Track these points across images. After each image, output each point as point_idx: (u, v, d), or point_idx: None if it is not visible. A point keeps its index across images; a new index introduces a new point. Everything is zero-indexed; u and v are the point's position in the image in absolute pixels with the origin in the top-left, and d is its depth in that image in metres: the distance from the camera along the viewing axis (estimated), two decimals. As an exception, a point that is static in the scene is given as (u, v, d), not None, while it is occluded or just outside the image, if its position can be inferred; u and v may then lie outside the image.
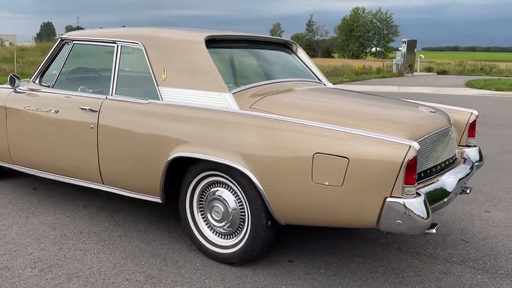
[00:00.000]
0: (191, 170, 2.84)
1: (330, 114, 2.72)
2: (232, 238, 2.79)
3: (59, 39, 3.70)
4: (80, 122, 3.28)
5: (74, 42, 3.57)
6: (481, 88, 16.15)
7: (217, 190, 2.80)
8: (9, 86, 3.89)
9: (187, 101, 2.89)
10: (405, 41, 24.72)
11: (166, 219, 3.52)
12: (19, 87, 3.76)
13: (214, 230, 2.87)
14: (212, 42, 3.06)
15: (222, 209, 2.76)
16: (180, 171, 2.92)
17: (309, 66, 3.84)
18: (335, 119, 2.56)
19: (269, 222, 2.60)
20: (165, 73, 3.01)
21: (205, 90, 2.85)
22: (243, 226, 2.73)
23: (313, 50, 72.50)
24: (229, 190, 2.76)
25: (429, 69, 26.36)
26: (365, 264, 2.84)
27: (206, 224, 2.90)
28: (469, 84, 17.51)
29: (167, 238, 3.19)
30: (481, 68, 26.44)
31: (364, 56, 73.26)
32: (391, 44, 73.94)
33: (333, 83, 4.04)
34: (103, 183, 3.30)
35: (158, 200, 3.04)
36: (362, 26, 67.01)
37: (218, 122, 2.70)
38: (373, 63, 28.99)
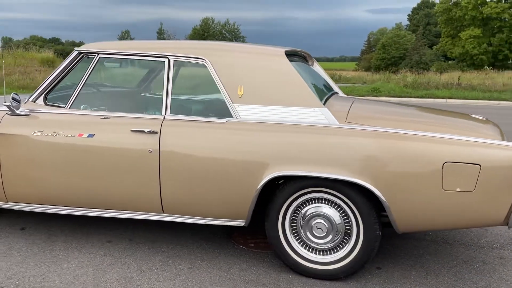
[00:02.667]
0: (285, 188, 2.76)
1: (421, 123, 2.92)
2: (335, 253, 2.80)
3: (75, 52, 3.19)
4: (132, 146, 2.90)
5: (100, 55, 3.12)
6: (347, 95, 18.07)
7: (317, 207, 2.78)
8: (-1, 108, 3.23)
9: (272, 118, 2.80)
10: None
11: (217, 243, 3.31)
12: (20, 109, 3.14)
13: (309, 248, 2.83)
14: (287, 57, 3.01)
15: (326, 225, 2.75)
16: (267, 191, 2.82)
17: (326, 77, 3.98)
18: (430, 127, 2.75)
19: (380, 232, 2.70)
20: (241, 89, 2.86)
21: (295, 106, 2.80)
22: (348, 240, 2.76)
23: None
24: (330, 205, 2.76)
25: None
26: (439, 262, 3.11)
27: (300, 243, 2.85)
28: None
29: (241, 262, 3.02)
30: (332, 77, 29.52)
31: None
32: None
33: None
34: (163, 212, 2.97)
35: (240, 223, 2.88)
36: (212, 36, 68.49)
37: (324, 137, 2.68)
38: None
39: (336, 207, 2.76)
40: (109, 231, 3.49)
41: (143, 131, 2.88)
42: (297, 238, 2.85)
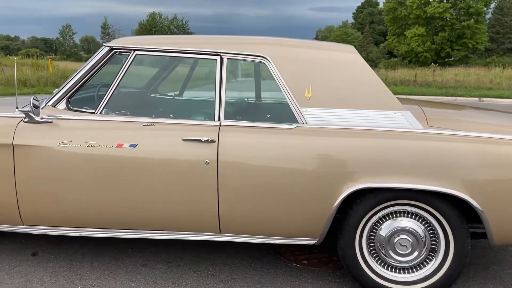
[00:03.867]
0: (363, 202, 2.48)
1: (499, 125, 2.73)
2: (418, 271, 2.55)
3: (105, 48, 2.72)
4: (185, 157, 2.50)
5: (137, 52, 2.68)
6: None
7: (397, 220, 2.52)
8: (10, 114, 2.72)
9: (345, 123, 2.50)
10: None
11: (266, 261, 2.97)
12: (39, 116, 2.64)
13: (389, 266, 2.57)
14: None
15: (411, 240, 2.49)
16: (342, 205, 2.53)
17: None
18: (505, 129, 2.57)
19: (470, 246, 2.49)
20: (309, 91, 2.54)
21: (373, 108, 2.52)
22: (434, 255, 2.53)
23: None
24: (413, 218, 2.51)
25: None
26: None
27: (377, 261, 2.57)
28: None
29: (305, 284, 2.70)
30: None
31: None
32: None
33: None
34: (220, 231, 2.60)
35: (310, 241, 2.57)
36: (160, 31, 66.67)
37: (413, 144, 2.42)
38: None
39: (420, 220, 2.51)
40: (138, 252, 3.06)
41: (200, 140, 2.49)
42: (375, 256, 2.58)
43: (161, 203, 2.56)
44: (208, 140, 2.48)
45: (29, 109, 2.60)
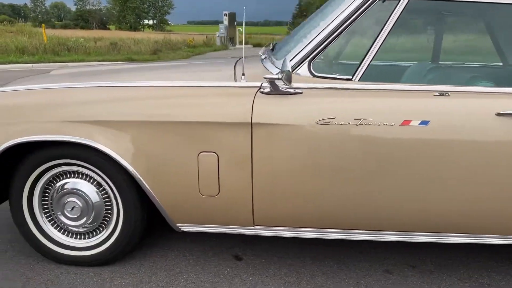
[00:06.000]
0: None
1: None
2: None
3: (365, -7, 2.04)
4: (500, 138, 1.91)
5: (411, -2, 2.02)
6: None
7: None
8: (240, 83, 2.05)
9: None
10: (226, 14, 24.69)
11: None
12: (287, 86, 1.98)
13: None
14: None
15: None
16: None
17: None
18: None
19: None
20: None
21: None
22: None
23: (86, 21, 66.19)
24: None
25: (246, 42, 27.14)
26: None
27: None
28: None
29: None
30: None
31: (142, 29, 70.82)
32: (166, 17, 73.70)
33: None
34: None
35: None
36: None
37: None
38: (157, 36, 27.30)
39: None
40: (381, 256, 2.48)
41: (525, 115, 1.88)
42: None
43: (461, 201, 1.97)
44: (533, 115, 1.88)
45: (278, 75, 1.94)
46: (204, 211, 2.13)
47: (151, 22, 73.94)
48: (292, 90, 1.99)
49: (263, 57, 2.43)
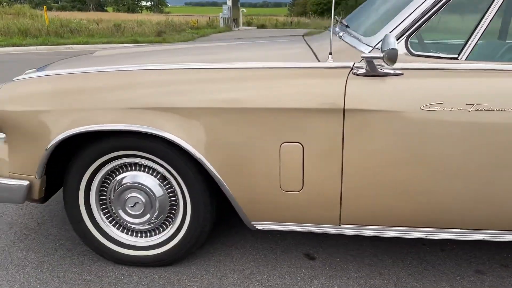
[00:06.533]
0: None
1: None
2: None
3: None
4: None
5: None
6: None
7: None
8: (326, 63, 1.81)
9: None
10: (230, -6, 24.21)
11: None
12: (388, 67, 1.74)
13: None
14: None
15: None
16: None
17: None
18: None
19: None
20: None
21: None
22: None
23: (83, 3, 65.16)
24: None
25: (249, 23, 26.69)
26: None
27: None
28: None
29: None
30: (290, 22, 28.27)
31: (140, 10, 69.86)
32: (164, -1, 72.68)
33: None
34: None
35: None
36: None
37: None
38: (158, 18, 26.72)
39: None
40: (470, 255, 2.27)
41: None
42: None
43: None
44: None
45: (379, 54, 1.69)
46: (284, 207, 1.91)
47: (148, 3, 72.83)
48: (391, 71, 1.74)
49: (340, 33, 2.17)
